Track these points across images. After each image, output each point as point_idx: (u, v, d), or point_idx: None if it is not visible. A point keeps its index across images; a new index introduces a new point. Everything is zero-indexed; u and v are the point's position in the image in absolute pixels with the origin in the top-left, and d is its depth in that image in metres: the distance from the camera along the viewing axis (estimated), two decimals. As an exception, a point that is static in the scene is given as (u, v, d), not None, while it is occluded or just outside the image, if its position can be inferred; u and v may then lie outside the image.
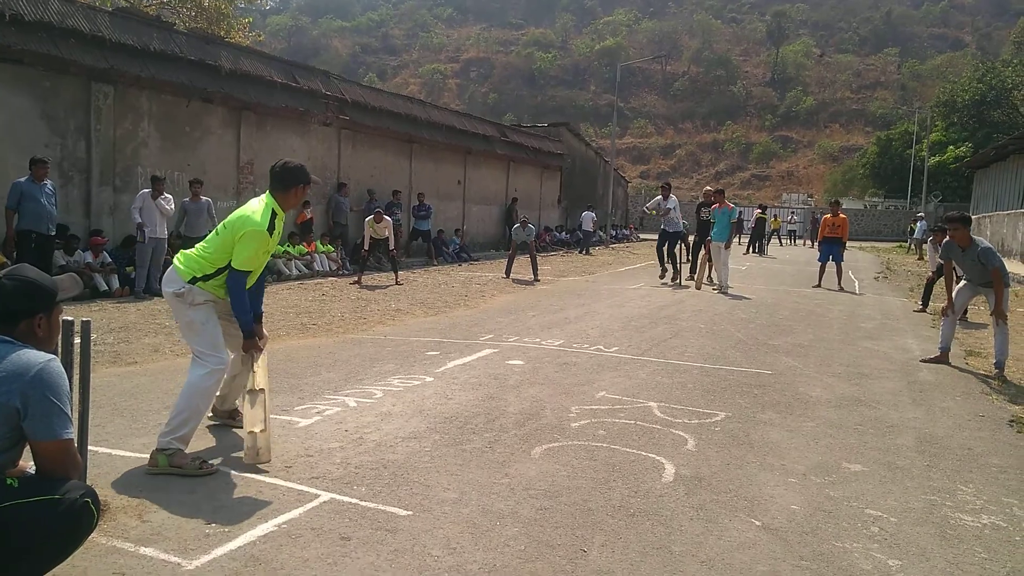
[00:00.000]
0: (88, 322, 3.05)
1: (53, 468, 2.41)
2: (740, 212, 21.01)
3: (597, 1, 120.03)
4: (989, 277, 6.94)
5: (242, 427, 4.05)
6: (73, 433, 2.47)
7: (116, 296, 10.45)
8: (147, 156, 12.45)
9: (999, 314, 6.82)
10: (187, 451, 3.74)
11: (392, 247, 13.59)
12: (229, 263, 3.88)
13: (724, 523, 3.31)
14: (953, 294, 7.32)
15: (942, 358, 7.29)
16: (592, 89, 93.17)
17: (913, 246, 28.43)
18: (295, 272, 13.82)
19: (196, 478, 3.58)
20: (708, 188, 15.88)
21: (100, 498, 3.21)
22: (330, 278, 13.83)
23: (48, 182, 9.35)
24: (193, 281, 3.88)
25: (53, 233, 9.49)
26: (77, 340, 3.05)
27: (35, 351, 2.44)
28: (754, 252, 26.03)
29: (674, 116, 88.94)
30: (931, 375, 6.73)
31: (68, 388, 2.47)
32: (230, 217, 3.99)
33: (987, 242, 7.15)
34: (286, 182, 4.05)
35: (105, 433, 4.14)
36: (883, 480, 3.95)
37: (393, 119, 18.62)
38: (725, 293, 12.51)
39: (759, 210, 28.40)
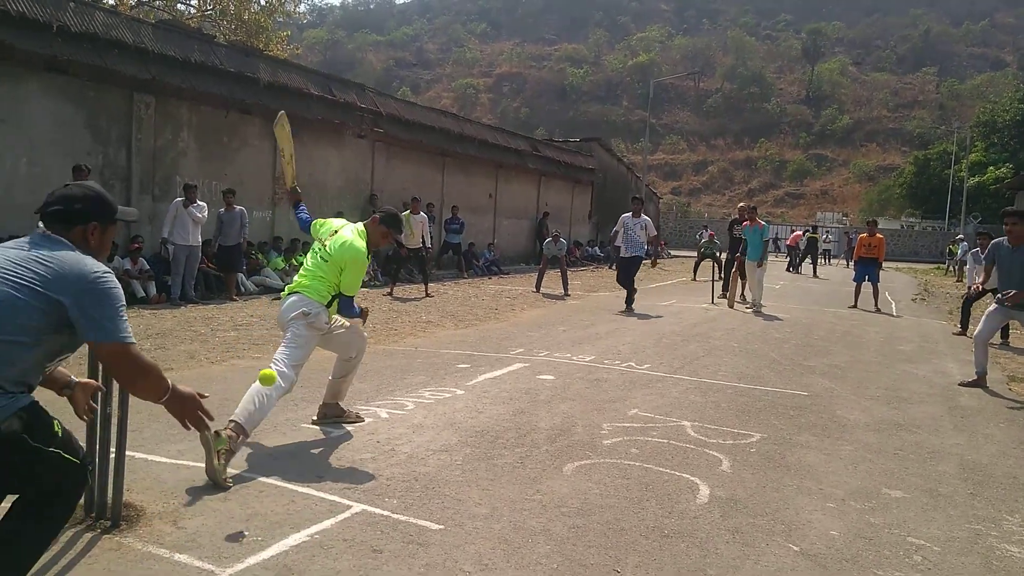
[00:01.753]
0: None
1: (117, 372, 2.54)
2: (775, 231, 20.85)
3: (630, 17, 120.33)
4: None
5: (350, 422, 4.76)
6: (134, 340, 2.43)
7: (153, 303, 10.62)
8: (185, 166, 12.67)
9: None
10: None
11: (428, 244, 13.73)
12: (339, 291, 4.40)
13: (761, 547, 3.24)
14: (983, 317, 7.17)
15: (980, 382, 7.11)
16: (624, 105, 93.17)
17: (952, 267, 27.90)
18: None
19: (207, 485, 3.57)
20: (742, 204, 15.74)
21: (136, 504, 3.25)
22: (361, 289, 13.89)
23: None
24: (328, 304, 4.37)
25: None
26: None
27: (95, 260, 2.45)
28: (793, 271, 25.81)
29: (707, 132, 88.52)
30: (973, 400, 6.56)
31: (124, 303, 2.44)
32: (335, 248, 4.39)
33: None
34: (387, 223, 4.65)
35: (141, 439, 4.17)
36: (925, 507, 3.85)
37: (426, 132, 18.77)
38: (759, 312, 12.36)
39: (807, 232, 27.92)
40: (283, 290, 4.61)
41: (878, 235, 14.33)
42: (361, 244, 4.45)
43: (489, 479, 3.90)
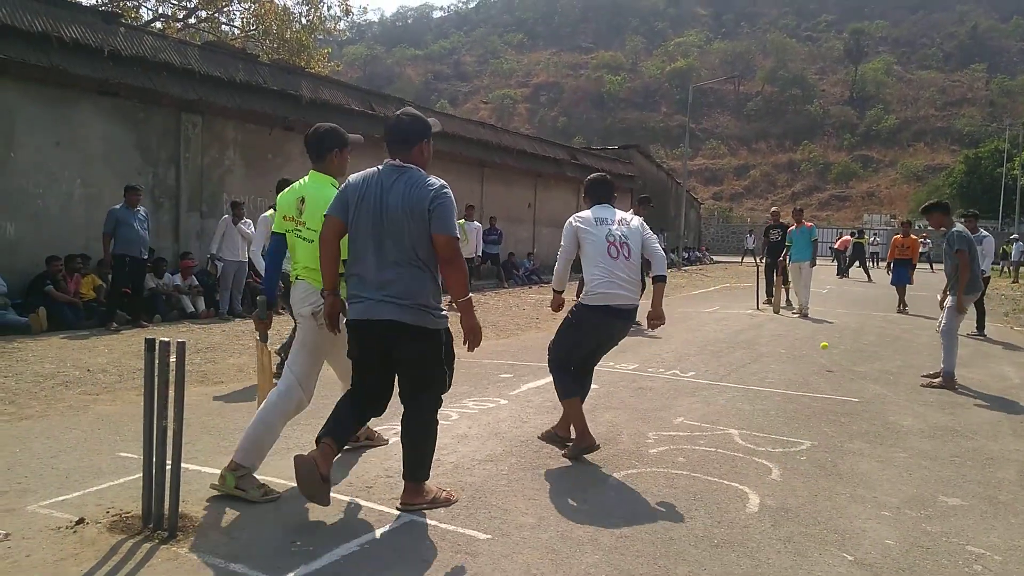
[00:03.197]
0: (183, 343, 3.17)
1: (445, 254, 3.34)
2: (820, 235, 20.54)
3: (667, 23, 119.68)
4: None
5: (376, 445, 4.52)
6: (457, 233, 3.37)
7: (202, 317, 10.86)
8: (232, 183, 12.97)
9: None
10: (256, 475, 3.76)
11: (479, 252, 13.86)
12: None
13: (814, 557, 3.18)
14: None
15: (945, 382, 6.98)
16: (663, 111, 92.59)
17: (1008, 268, 27.07)
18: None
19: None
20: (775, 209, 15.56)
21: (191, 515, 3.32)
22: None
23: (141, 208, 9.80)
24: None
25: (145, 257, 9.94)
26: (172, 359, 3.16)
27: (435, 177, 3.40)
28: (841, 276, 25.32)
29: (748, 136, 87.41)
30: (1032, 405, 6.35)
31: (455, 207, 3.39)
32: (308, 217, 3.81)
33: None
34: (323, 148, 3.93)
35: (195, 451, 4.27)
36: (984, 515, 3.73)
37: (465, 144, 18.91)
38: (806, 316, 12.16)
39: (853, 235, 27.39)
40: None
41: (912, 236, 14.18)
42: (329, 191, 3.78)
43: (535, 488, 3.90)
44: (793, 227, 12.98)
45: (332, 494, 3.70)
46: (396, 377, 3.58)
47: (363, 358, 3.51)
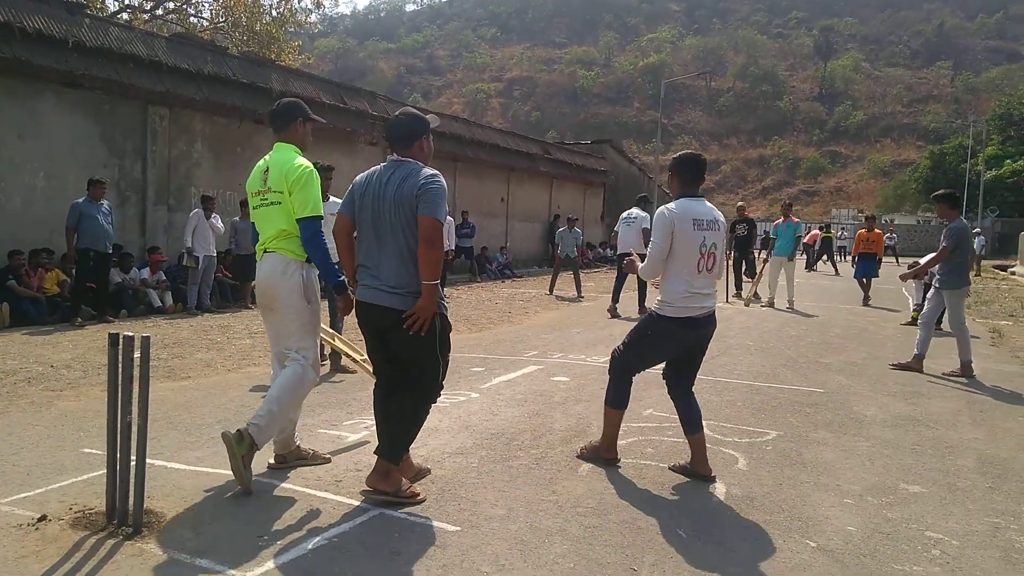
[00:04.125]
0: (148, 338, 3.13)
1: (426, 234, 3.35)
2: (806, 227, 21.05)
3: (641, 18, 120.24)
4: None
5: (315, 463, 4.04)
6: (445, 220, 3.43)
7: (169, 312, 10.73)
8: (200, 176, 12.81)
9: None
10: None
11: (452, 247, 13.90)
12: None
13: (778, 544, 3.24)
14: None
15: (914, 365, 7.41)
16: (636, 106, 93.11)
17: (971, 262, 27.64)
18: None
19: (236, 490, 3.60)
20: (741, 204, 15.86)
21: (157, 511, 3.30)
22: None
23: (104, 202, 9.65)
24: (310, 260, 3.81)
25: (110, 251, 9.78)
26: (137, 355, 3.13)
27: (429, 168, 3.50)
28: (808, 270, 25.66)
29: (719, 132, 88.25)
30: (991, 395, 6.51)
31: (445, 194, 3.46)
32: (273, 180, 3.77)
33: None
34: (285, 117, 3.92)
35: (160, 446, 4.23)
36: (943, 502, 3.82)
37: (437, 137, 18.71)
38: (793, 309, 12.48)
39: (821, 230, 27.86)
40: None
41: (876, 231, 14.46)
42: (292, 154, 3.83)
43: (505, 480, 3.92)
44: (780, 221, 13.31)
45: (301, 489, 3.70)
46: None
47: (369, 344, 3.67)
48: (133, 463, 3.12)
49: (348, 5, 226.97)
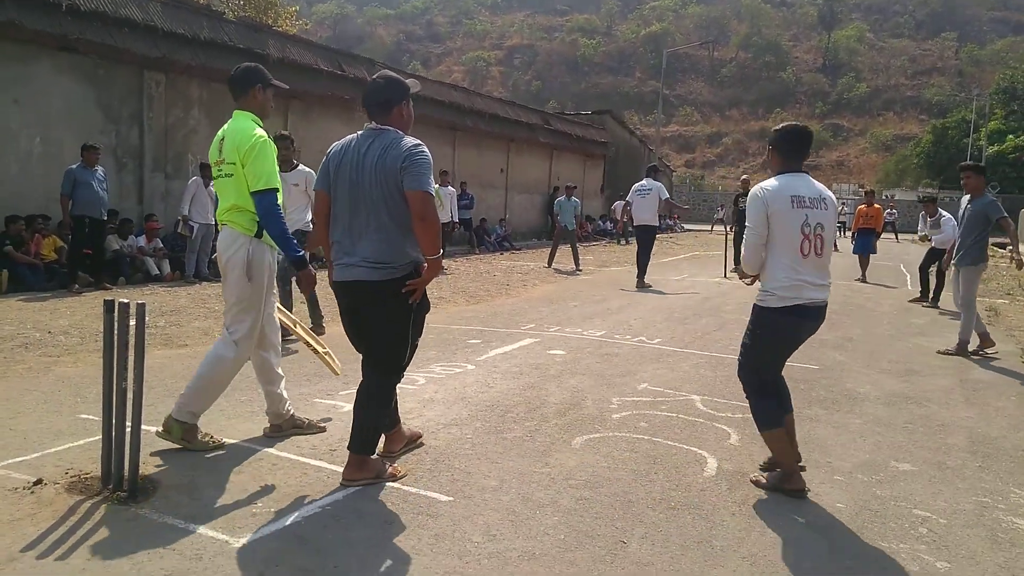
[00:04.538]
0: (143, 305, 3.13)
1: (418, 210, 3.25)
2: None
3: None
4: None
5: (310, 432, 4.08)
6: (432, 191, 3.29)
7: (167, 280, 10.72)
8: (197, 143, 12.71)
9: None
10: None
11: (455, 218, 13.87)
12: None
13: (767, 519, 3.27)
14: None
15: (986, 343, 7.35)
16: (637, 76, 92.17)
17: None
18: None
19: (231, 458, 3.65)
20: (745, 176, 15.72)
21: (152, 476, 3.32)
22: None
23: (99, 168, 9.58)
24: (259, 235, 3.73)
25: (105, 218, 9.74)
26: (132, 322, 3.13)
27: (411, 137, 3.37)
28: None
29: (721, 103, 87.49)
30: (985, 374, 6.54)
31: (431, 166, 3.34)
32: (226, 151, 3.72)
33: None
34: (243, 84, 3.81)
35: (157, 413, 4.23)
36: (932, 480, 3.86)
37: (436, 107, 18.69)
38: None
39: None
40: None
41: (876, 205, 14.42)
42: (248, 123, 3.74)
43: (498, 452, 3.95)
44: None
45: (296, 457, 3.73)
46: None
47: (347, 325, 3.53)
48: (128, 429, 3.14)
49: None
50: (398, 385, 3.65)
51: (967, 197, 7.36)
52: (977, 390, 5.89)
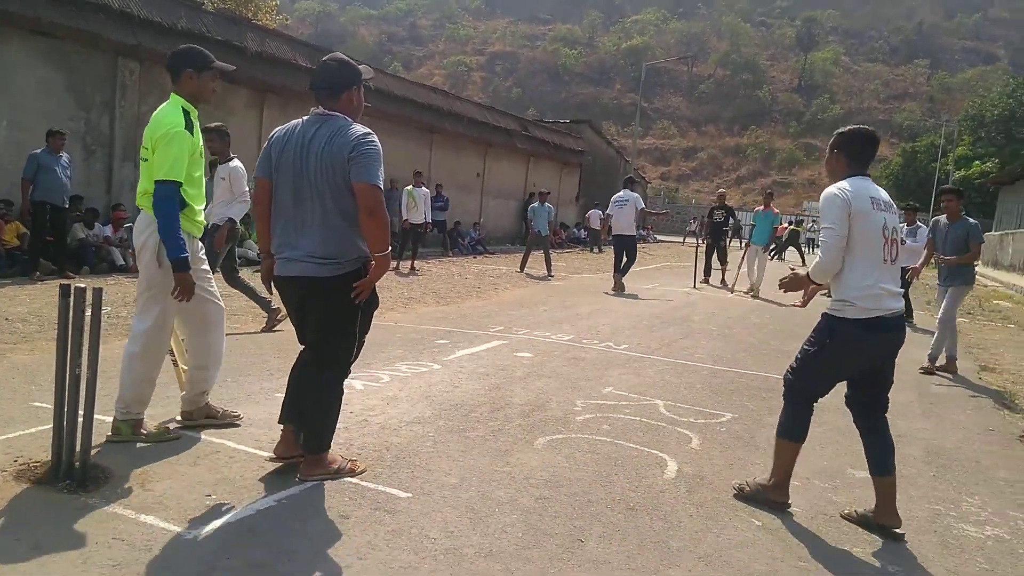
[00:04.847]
0: (100, 290, 3.07)
1: (366, 204, 3.09)
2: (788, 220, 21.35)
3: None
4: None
5: (223, 422, 3.99)
6: (381, 184, 3.12)
7: (133, 271, 10.54)
8: (170, 134, 12.53)
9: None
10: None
11: (428, 219, 13.79)
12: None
13: (724, 521, 3.30)
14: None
15: (946, 367, 7.41)
16: (617, 88, 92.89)
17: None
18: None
19: (187, 449, 3.59)
20: (722, 190, 15.92)
21: (104, 466, 3.25)
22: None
23: (64, 154, 9.40)
24: None
25: (67, 205, 9.56)
26: (88, 312, 3.07)
27: (361, 125, 3.21)
28: (773, 258, 25.96)
29: (698, 119, 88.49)
30: (943, 388, 6.66)
31: (381, 157, 3.15)
32: (145, 136, 3.64)
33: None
34: (174, 67, 3.66)
35: (110, 402, 4.15)
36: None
37: (415, 108, 18.66)
38: (756, 297, 12.57)
39: (791, 224, 28.16)
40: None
41: None
42: (170, 109, 3.60)
43: (460, 451, 3.93)
44: (761, 208, 13.42)
45: (253, 451, 3.68)
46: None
47: (293, 319, 3.45)
48: (81, 417, 3.08)
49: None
50: (363, 382, 3.61)
51: (942, 219, 7.57)
52: (935, 403, 6.00)
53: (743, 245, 14.42)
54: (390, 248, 3.25)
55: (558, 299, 10.93)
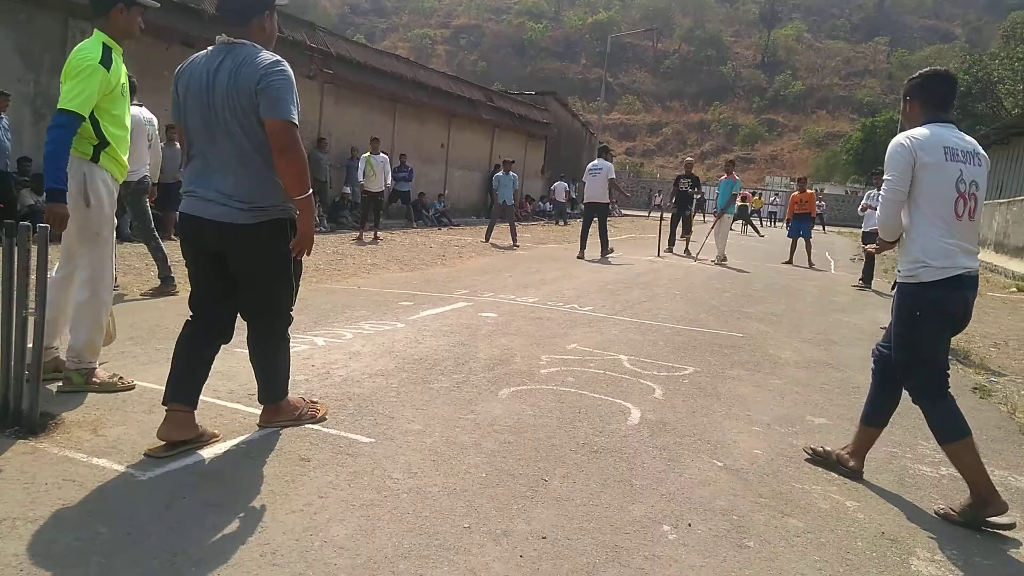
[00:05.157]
0: (46, 228, 2.96)
1: (278, 142, 2.81)
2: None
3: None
4: None
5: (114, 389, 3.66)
6: (296, 118, 2.84)
7: (87, 238, 10.26)
8: (123, 98, 12.16)
9: None
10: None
11: (388, 184, 13.64)
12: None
13: (686, 462, 3.32)
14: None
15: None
16: (582, 63, 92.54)
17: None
18: (272, 225, 13.66)
19: (141, 398, 3.50)
20: (689, 159, 16.07)
21: (55, 413, 3.16)
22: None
23: (4, 116, 9.06)
24: (95, 159, 3.51)
25: (9, 169, 9.23)
26: (35, 254, 2.95)
27: (272, 53, 2.92)
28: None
29: (662, 94, 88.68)
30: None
31: (294, 86, 2.87)
32: (65, 69, 3.44)
33: None
34: (101, 4, 3.51)
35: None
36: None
37: (378, 76, 18.36)
38: (722, 263, 12.76)
39: (753, 194, 28.57)
40: None
41: (808, 191, 14.75)
42: (90, 43, 3.45)
43: (424, 400, 3.90)
44: (723, 177, 13.64)
45: (211, 400, 3.60)
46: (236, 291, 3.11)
47: (194, 264, 3.07)
48: (29, 360, 2.97)
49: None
50: (325, 339, 3.54)
51: None
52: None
53: (707, 218, 14.67)
54: (311, 191, 2.96)
55: (523, 266, 10.90)
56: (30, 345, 2.97)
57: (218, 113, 2.85)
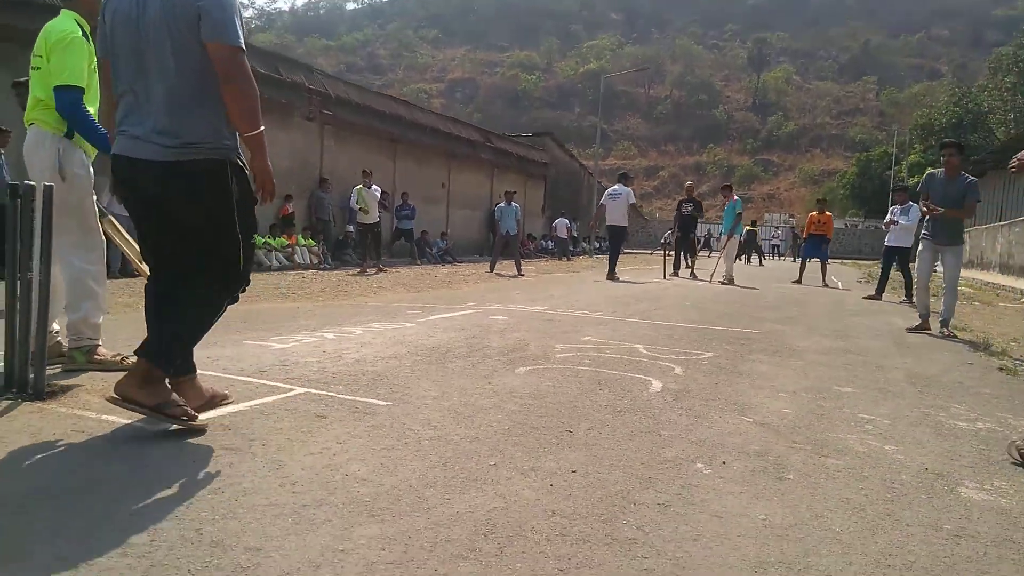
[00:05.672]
0: (51, 187, 2.91)
1: (224, 69, 2.50)
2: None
3: (581, 25, 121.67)
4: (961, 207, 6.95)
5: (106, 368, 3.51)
6: (242, 43, 2.55)
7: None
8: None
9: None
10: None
11: (379, 218, 13.58)
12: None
13: (713, 418, 3.20)
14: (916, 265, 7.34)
15: (924, 326, 7.23)
16: (576, 111, 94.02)
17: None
18: (275, 263, 13.64)
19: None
20: (689, 183, 16.15)
21: (66, 384, 3.06)
22: (311, 270, 13.66)
23: (2, 153, 9.04)
24: (70, 135, 3.42)
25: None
26: (39, 216, 2.89)
27: None
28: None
29: (657, 138, 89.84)
30: (918, 339, 6.68)
31: (238, 7, 2.58)
32: (37, 46, 3.41)
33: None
34: None
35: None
36: (874, 399, 3.86)
37: (377, 117, 18.57)
38: (731, 283, 12.71)
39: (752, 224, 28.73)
40: None
41: (827, 213, 14.62)
42: (65, 21, 3.40)
43: (440, 375, 3.80)
44: (725, 201, 13.83)
45: (223, 375, 3.51)
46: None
47: (134, 210, 2.70)
48: (34, 325, 2.89)
49: (287, 1, 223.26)
50: (335, 334, 3.45)
51: (938, 172, 7.19)
52: (911, 348, 6.00)
53: (712, 254, 14.76)
54: (262, 128, 2.64)
55: (530, 287, 10.84)
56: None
57: (150, 40, 2.52)
